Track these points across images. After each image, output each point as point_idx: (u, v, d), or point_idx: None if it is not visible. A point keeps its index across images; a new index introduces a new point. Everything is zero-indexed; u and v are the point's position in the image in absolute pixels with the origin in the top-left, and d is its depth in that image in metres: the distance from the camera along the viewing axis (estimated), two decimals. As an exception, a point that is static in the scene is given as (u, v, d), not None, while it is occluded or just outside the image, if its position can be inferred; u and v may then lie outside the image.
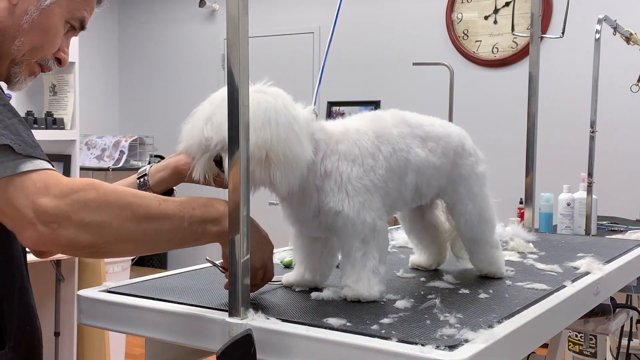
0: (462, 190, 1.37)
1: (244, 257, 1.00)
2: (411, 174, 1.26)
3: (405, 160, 1.25)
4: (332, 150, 1.19)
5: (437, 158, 1.30)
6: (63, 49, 1.20)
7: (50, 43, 1.16)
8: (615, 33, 2.81)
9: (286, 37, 5.63)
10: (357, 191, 1.17)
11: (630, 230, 2.58)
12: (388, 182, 1.22)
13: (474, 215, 1.37)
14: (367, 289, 1.17)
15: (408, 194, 1.28)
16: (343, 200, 1.16)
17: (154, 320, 1.13)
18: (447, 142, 1.34)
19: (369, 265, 1.18)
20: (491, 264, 1.40)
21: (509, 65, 4.73)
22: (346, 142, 1.20)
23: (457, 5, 4.90)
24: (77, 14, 1.17)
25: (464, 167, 1.37)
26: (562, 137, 4.40)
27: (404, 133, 1.27)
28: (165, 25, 6.35)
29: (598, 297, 1.47)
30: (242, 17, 0.98)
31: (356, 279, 1.18)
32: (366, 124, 1.25)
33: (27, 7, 1.12)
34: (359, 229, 1.17)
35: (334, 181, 1.17)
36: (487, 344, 0.95)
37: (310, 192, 1.18)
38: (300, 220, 1.22)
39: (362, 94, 5.29)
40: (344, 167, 1.18)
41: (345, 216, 1.16)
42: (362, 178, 1.18)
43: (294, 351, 0.98)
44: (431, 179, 1.31)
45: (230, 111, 0.99)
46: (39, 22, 1.13)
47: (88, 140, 5.77)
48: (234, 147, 0.99)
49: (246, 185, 1.01)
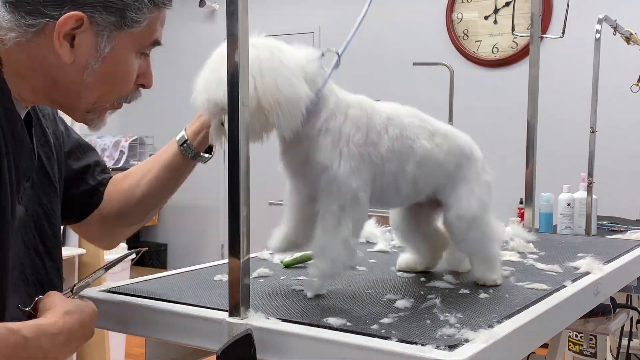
0: (460, 191, 1.33)
1: (244, 257, 1.00)
2: (412, 163, 1.24)
3: (410, 148, 1.24)
4: (340, 112, 1.18)
5: (442, 154, 1.29)
6: (144, 73, 1.13)
7: (122, 86, 1.10)
8: (615, 33, 2.81)
9: (286, 37, 5.62)
10: (351, 155, 1.15)
11: (630, 230, 2.58)
12: (386, 163, 1.20)
13: (468, 216, 1.31)
14: (332, 264, 1.15)
15: (404, 184, 1.25)
16: (335, 158, 1.14)
17: (154, 320, 1.13)
18: (454, 141, 1.33)
19: (340, 234, 1.15)
20: (485, 271, 1.33)
21: (509, 65, 4.73)
22: (358, 109, 1.19)
23: (457, 5, 4.90)
24: (147, 41, 1.10)
25: (470, 170, 1.34)
26: (562, 137, 4.40)
27: (415, 124, 1.27)
28: (165, 25, 6.34)
29: (598, 297, 1.47)
30: (242, 17, 0.98)
31: (323, 247, 1.16)
32: (382, 105, 1.26)
33: (87, 61, 1.03)
34: (342, 192, 1.14)
35: (331, 138, 1.15)
36: (487, 344, 0.95)
37: (303, 142, 1.16)
38: (291, 167, 1.20)
39: (362, 93, 5.27)
40: (347, 129, 1.16)
41: (332, 175, 1.14)
42: (361, 146, 1.17)
43: (294, 351, 0.98)
44: (430, 174, 1.28)
45: (231, 111, 0.99)
46: (103, 72, 1.05)
47: (88, 140, 5.78)
48: (234, 147, 0.99)
49: (246, 185, 1.01)
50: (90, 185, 1.32)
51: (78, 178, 1.31)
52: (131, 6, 1.03)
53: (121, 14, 1.02)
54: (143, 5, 1.05)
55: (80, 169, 1.31)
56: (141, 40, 1.08)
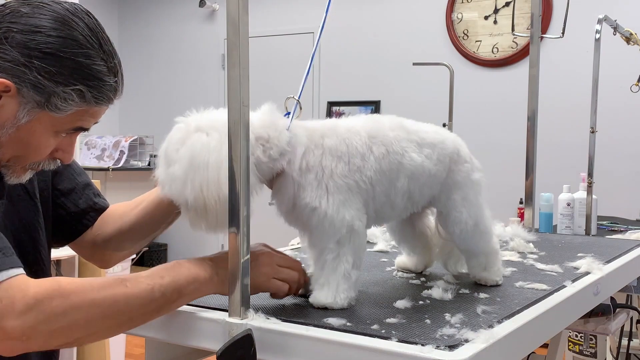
0: (456, 197, 1.30)
1: (244, 257, 1.00)
2: (403, 178, 1.20)
3: (399, 164, 1.19)
4: (316, 145, 1.13)
5: (432, 165, 1.25)
6: (64, 149, 1.14)
7: (33, 154, 1.10)
8: (615, 33, 2.80)
9: (286, 37, 5.63)
10: (338, 188, 1.12)
11: (630, 230, 2.58)
12: (376, 186, 1.16)
13: (470, 224, 1.30)
14: (333, 296, 1.11)
15: (399, 199, 1.21)
16: (322, 196, 1.11)
17: (154, 320, 1.13)
18: (442, 148, 1.28)
19: (340, 269, 1.12)
20: (484, 271, 1.34)
21: (509, 65, 4.73)
22: (334, 137, 1.15)
23: (457, 5, 4.90)
24: (68, 126, 1.10)
25: (459, 174, 1.30)
26: (562, 137, 4.40)
27: (401, 137, 1.21)
28: (165, 25, 6.35)
29: (598, 297, 1.47)
30: (242, 17, 0.98)
31: (323, 283, 1.13)
32: (360, 124, 1.20)
33: (4, 122, 1.05)
34: (337, 228, 1.11)
35: (315, 175, 1.11)
36: (487, 344, 0.95)
37: (287, 185, 1.13)
38: (282, 211, 1.17)
39: (362, 94, 5.29)
40: (327, 162, 1.12)
41: (322, 213, 1.10)
42: (346, 176, 1.13)
43: (294, 351, 0.98)
44: (424, 186, 1.25)
45: (231, 111, 0.99)
46: (17, 137, 1.07)
47: (88, 140, 5.77)
48: (235, 147, 0.99)
49: (246, 185, 1.01)
50: (79, 208, 1.34)
51: (64, 199, 1.33)
52: (59, 95, 1.05)
53: (47, 97, 1.05)
54: (71, 98, 1.06)
55: (66, 190, 1.33)
56: (62, 124, 1.09)
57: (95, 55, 1.07)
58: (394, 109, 5.11)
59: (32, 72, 1.03)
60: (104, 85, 1.08)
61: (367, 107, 5.23)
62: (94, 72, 1.07)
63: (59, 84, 1.04)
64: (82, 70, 1.05)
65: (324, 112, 5.42)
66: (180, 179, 1.05)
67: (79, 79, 1.05)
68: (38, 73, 1.03)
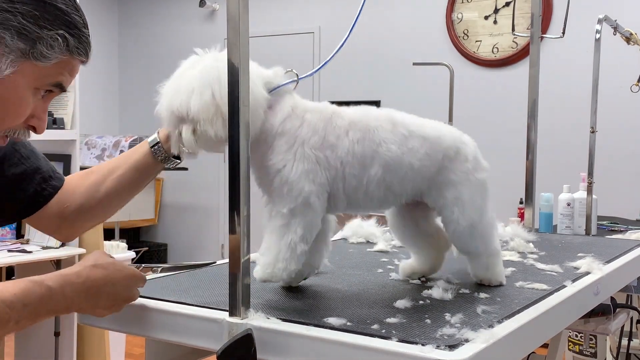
0: (448, 195, 1.26)
1: (244, 257, 1.00)
2: (378, 167, 1.19)
3: (374, 152, 1.19)
4: (297, 116, 1.17)
5: (416, 159, 1.22)
6: (38, 115, 1.09)
7: (13, 114, 1.05)
8: (615, 33, 2.80)
9: (286, 37, 5.63)
10: (306, 158, 1.14)
11: (630, 230, 2.58)
12: (346, 166, 1.18)
13: (462, 225, 1.26)
14: (272, 264, 1.13)
15: (373, 187, 1.20)
16: (288, 160, 1.14)
17: (154, 320, 1.13)
18: (435, 143, 1.25)
19: (287, 237, 1.13)
20: (487, 271, 1.32)
21: (509, 65, 4.73)
22: (316, 114, 1.19)
23: (457, 5, 4.90)
24: (50, 79, 1.06)
25: (455, 172, 1.27)
26: (562, 137, 4.40)
27: (384, 128, 1.22)
28: (166, 25, 6.34)
29: (598, 297, 1.47)
30: (242, 17, 0.98)
31: (267, 247, 1.15)
32: (348, 111, 1.23)
33: None
34: (293, 195, 1.13)
35: (286, 140, 1.14)
36: (487, 344, 0.95)
37: (260, 144, 1.16)
38: (254, 173, 1.19)
39: (362, 94, 5.28)
40: (303, 132, 1.16)
41: (284, 177, 1.13)
42: (317, 149, 1.15)
43: (294, 351, 0.98)
44: (406, 179, 1.23)
45: (231, 111, 1.00)
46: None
47: (88, 140, 5.77)
48: (235, 147, 1.00)
49: (246, 185, 1.01)
50: (27, 194, 1.29)
51: (13, 186, 1.27)
52: (45, 40, 1.02)
53: (32, 44, 1.01)
54: (57, 44, 1.03)
55: (13, 177, 1.27)
56: (44, 76, 1.05)
57: (72, 7, 1.06)
58: (394, 109, 5.11)
59: (16, 17, 0.99)
60: (82, 35, 1.06)
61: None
62: (74, 21, 1.05)
63: (44, 28, 1.01)
64: (64, 17, 1.04)
65: (324, 112, 5.42)
66: (186, 92, 1.13)
67: (62, 25, 1.03)
68: (23, 17, 0.99)
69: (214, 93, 1.11)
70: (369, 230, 1.86)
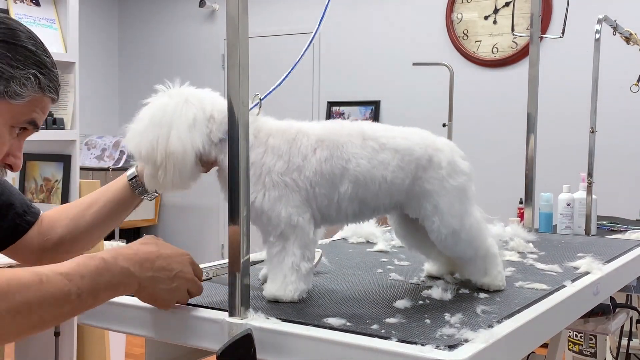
0: (427, 206, 1.24)
1: (243, 257, 1.00)
2: (348, 184, 1.18)
3: (343, 168, 1.17)
4: (260, 143, 1.17)
5: (388, 171, 1.20)
6: (14, 153, 1.12)
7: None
8: (615, 33, 2.80)
9: (286, 37, 5.63)
10: (274, 185, 1.15)
11: (630, 230, 2.58)
12: (315, 187, 1.17)
13: (444, 233, 1.24)
14: (282, 288, 1.15)
15: (345, 204, 1.19)
16: (258, 191, 1.14)
17: (154, 320, 1.13)
18: (407, 154, 1.22)
19: (287, 261, 1.15)
20: (485, 276, 1.29)
21: (509, 65, 4.73)
22: (279, 137, 1.18)
23: (457, 5, 4.90)
24: (24, 117, 1.10)
25: (430, 182, 1.23)
26: (562, 137, 4.40)
27: (353, 143, 1.19)
28: (165, 25, 6.35)
29: (598, 297, 1.47)
30: (242, 17, 0.98)
31: (272, 276, 1.17)
32: (317, 128, 1.21)
33: None
34: (274, 224, 1.14)
35: (254, 172, 1.14)
36: (487, 344, 0.95)
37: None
38: None
39: (362, 94, 5.28)
40: (267, 160, 1.15)
41: (259, 209, 1.14)
42: (283, 174, 1.15)
43: (294, 351, 0.98)
44: (380, 193, 1.21)
45: (231, 111, 1.00)
46: None
47: (88, 140, 5.78)
48: (235, 147, 1.00)
49: (246, 185, 1.01)
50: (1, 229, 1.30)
51: None
52: (17, 79, 1.06)
53: (6, 83, 1.06)
54: (29, 83, 1.08)
55: None
56: (19, 114, 1.09)
57: (41, 49, 1.11)
58: (394, 109, 5.12)
59: None
60: (52, 74, 1.11)
61: (367, 107, 5.22)
62: (43, 61, 1.10)
63: (17, 68, 1.06)
64: (34, 57, 1.09)
65: (324, 112, 5.41)
66: (138, 134, 1.16)
67: (33, 65, 1.08)
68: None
69: (153, 141, 1.13)
70: (368, 230, 1.86)
